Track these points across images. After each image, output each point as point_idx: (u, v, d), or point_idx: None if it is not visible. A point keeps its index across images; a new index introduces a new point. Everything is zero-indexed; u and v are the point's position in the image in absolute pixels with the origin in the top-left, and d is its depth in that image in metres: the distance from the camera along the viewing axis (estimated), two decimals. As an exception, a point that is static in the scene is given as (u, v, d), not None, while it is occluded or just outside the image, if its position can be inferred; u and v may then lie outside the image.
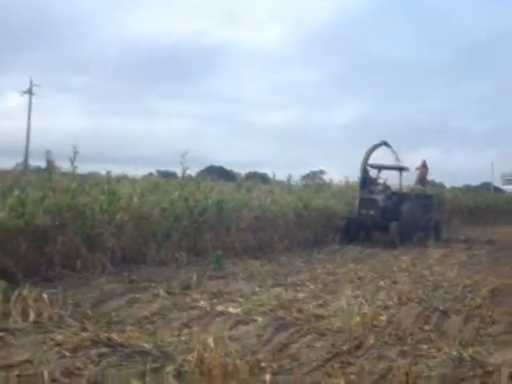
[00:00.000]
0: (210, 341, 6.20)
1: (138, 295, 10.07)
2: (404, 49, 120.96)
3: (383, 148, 23.81)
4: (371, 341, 7.56)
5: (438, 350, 7.29)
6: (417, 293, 10.87)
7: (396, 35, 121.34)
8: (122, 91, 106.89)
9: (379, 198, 22.11)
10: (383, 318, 8.87)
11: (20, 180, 13.86)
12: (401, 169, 23.63)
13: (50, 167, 13.55)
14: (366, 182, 22.93)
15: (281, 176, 25.66)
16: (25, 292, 8.25)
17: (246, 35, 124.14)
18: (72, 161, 13.38)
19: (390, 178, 24.24)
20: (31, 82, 58.74)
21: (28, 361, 6.27)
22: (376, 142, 23.74)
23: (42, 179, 14.13)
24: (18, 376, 5.85)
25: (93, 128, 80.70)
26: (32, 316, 7.94)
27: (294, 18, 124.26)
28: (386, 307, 9.69)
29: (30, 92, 58.33)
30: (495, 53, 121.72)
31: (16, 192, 11.86)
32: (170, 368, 5.97)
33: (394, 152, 23.84)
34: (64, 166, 14.70)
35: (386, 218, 21.48)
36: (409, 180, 27.18)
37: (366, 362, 6.87)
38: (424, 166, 27.60)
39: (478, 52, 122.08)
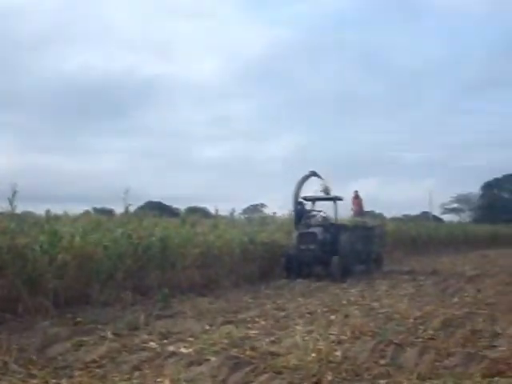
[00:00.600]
0: (166, 384, 5.91)
1: (84, 338, 9.73)
2: (337, 82, 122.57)
3: (314, 179, 23.79)
4: (329, 377, 7.40)
5: (396, 384, 7.15)
6: (369, 326, 10.75)
7: (329, 69, 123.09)
8: (54, 128, 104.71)
9: (317, 231, 21.50)
10: (338, 353, 8.70)
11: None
12: (335, 199, 23.00)
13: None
14: (301, 215, 22.53)
15: (221, 210, 25.48)
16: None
17: (180, 69, 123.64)
18: (11, 200, 12.96)
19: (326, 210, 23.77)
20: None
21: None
22: (305, 174, 23.58)
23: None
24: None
25: (26, 166, 78.84)
26: (-25, 365, 7.56)
27: (228, 51, 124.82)
28: (339, 342, 9.53)
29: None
30: (426, 83, 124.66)
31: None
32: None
33: (323, 182, 23.80)
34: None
35: (326, 251, 20.99)
36: (345, 214, 27.28)
37: (325, 399, 6.69)
38: (356, 197, 27.68)
39: (410, 83, 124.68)
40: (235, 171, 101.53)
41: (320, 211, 23.18)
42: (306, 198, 23.03)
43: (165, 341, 9.77)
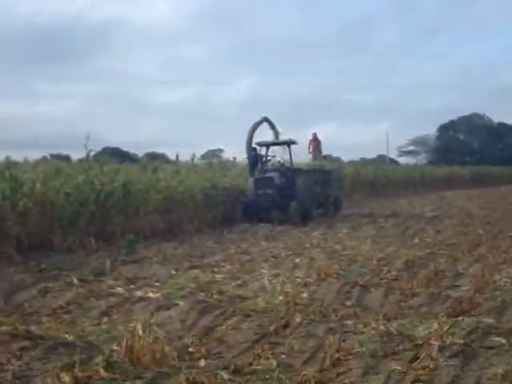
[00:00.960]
0: (139, 328, 5.92)
1: (49, 284, 9.69)
2: (294, 26, 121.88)
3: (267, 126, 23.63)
4: (297, 319, 7.48)
5: (365, 325, 7.27)
6: (334, 268, 10.88)
7: (285, 12, 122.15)
8: (4, 73, 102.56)
9: (274, 175, 21.29)
10: (304, 295, 8.81)
11: None
12: (289, 143, 22.43)
13: None
14: (256, 161, 22.35)
15: (180, 156, 25.26)
16: None
17: (135, 11, 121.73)
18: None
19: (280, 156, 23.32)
20: None
21: None
22: (257, 120, 23.32)
23: None
24: None
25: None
26: None
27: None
28: (305, 284, 9.65)
29: None
30: (381, 25, 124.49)
31: None
32: (98, 359, 5.68)
33: (273, 128, 23.59)
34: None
35: (283, 195, 20.83)
36: (303, 157, 27.00)
37: (294, 341, 6.78)
38: (315, 139, 26.99)
39: (364, 25, 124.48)
40: (191, 116, 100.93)
41: (274, 156, 22.93)
42: (259, 144, 22.75)
43: (132, 286, 9.78)
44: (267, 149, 22.83)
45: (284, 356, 6.29)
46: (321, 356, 6.21)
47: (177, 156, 24.31)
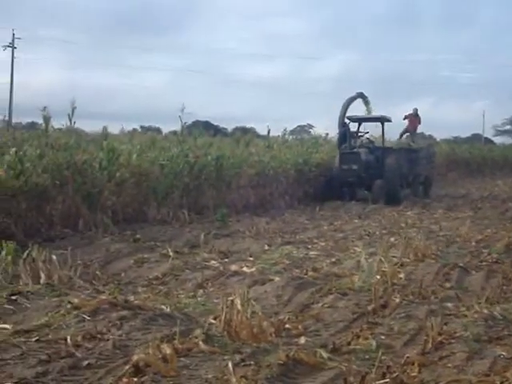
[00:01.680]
0: (237, 302, 5.84)
1: (145, 255, 9.76)
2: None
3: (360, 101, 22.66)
4: (396, 300, 7.27)
5: (467, 308, 7.00)
6: (431, 248, 10.57)
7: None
8: (94, 44, 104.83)
9: (361, 151, 20.53)
10: (402, 275, 8.58)
11: (15, 137, 13.36)
12: (383, 120, 21.66)
13: (47, 124, 13.01)
14: (346, 136, 21.03)
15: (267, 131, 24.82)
16: (34, 253, 7.88)
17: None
18: (70, 117, 12.92)
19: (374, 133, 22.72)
20: (13, 35, 56.93)
21: (46, 325, 5.95)
22: (352, 95, 22.33)
23: (38, 136, 13.69)
24: (38, 341, 5.53)
25: (69, 83, 79.06)
26: (43, 278, 7.61)
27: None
28: (402, 264, 9.40)
29: (12, 46, 56.52)
30: (482, 2, 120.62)
31: (13, 149, 11.38)
32: (198, 332, 5.64)
33: (368, 104, 22.65)
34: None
35: (370, 173, 20.04)
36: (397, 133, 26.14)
37: (393, 322, 6.60)
38: (416, 116, 25.58)
39: (464, 1, 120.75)
40: (282, 91, 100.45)
41: (366, 132, 22.14)
42: (350, 119, 21.61)
43: (225, 260, 9.78)
44: (359, 124, 22.05)
45: (383, 337, 6.11)
46: (422, 338, 6.01)
47: (268, 131, 24.00)
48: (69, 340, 5.45)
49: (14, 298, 6.90)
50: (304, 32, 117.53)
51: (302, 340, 5.76)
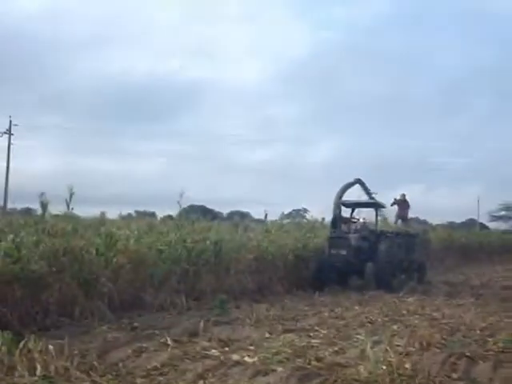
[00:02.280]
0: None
1: (144, 344, 9.51)
2: (381, 86, 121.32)
3: (357, 187, 22.53)
4: (406, 392, 7.03)
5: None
6: (435, 337, 10.32)
7: (372, 73, 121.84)
8: (97, 131, 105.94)
9: (351, 236, 20.09)
10: (407, 365, 8.30)
11: (12, 223, 13.24)
12: (376, 205, 21.81)
13: (44, 209, 12.91)
14: (337, 220, 20.92)
15: (262, 215, 24.84)
16: (30, 344, 7.67)
17: (222, 72, 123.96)
18: (68, 202, 12.83)
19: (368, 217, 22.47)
20: (10, 122, 57.51)
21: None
22: (349, 181, 22.25)
23: (35, 222, 13.58)
24: None
25: (65, 169, 79.34)
26: (39, 369, 7.39)
27: (271, 53, 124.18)
28: (407, 354, 9.14)
29: (9, 132, 57.03)
30: (473, 89, 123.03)
31: (10, 236, 11.24)
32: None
33: (367, 190, 22.53)
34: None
35: (361, 259, 19.49)
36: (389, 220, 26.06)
37: (404, 416, 6.35)
38: (404, 201, 25.64)
39: (456, 88, 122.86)
40: (277, 176, 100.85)
41: (358, 219, 21.92)
42: (344, 204, 21.51)
43: (226, 348, 9.52)
44: (353, 210, 22.00)
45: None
46: None
47: (265, 215, 24.04)
48: None
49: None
50: (298, 118, 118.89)
51: None
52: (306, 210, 51.46)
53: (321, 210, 24.95)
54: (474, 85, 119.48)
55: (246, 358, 8.66)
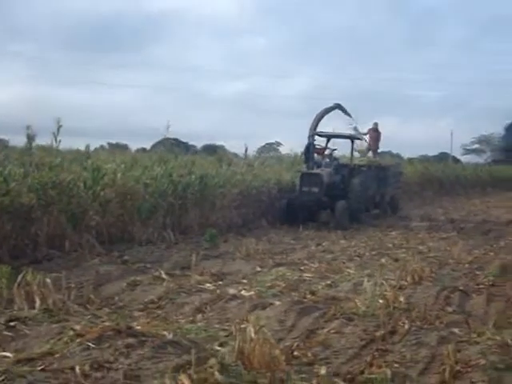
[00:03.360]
0: (251, 330, 5.63)
1: (137, 278, 9.50)
2: (356, 19, 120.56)
3: (337, 113, 21.38)
4: (405, 326, 7.11)
5: (478, 334, 6.87)
6: (425, 271, 10.43)
7: (348, 4, 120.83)
8: (65, 60, 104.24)
9: (323, 172, 18.70)
10: (401, 299, 8.38)
11: (-2, 155, 13.05)
12: (353, 138, 20.47)
13: (31, 142, 12.70)
14: (310, 150, 19.60)
15: (235, 148, 24.54)
16: (28, 277, 7.63)
17: (197, 1, 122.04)
18: (55, 135, 12.62)
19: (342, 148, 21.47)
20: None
21: (50, 353, 5.70)
22: (328, 106, 20.99)
23: (20, 154, 13.39)
24: (44, 370, 5.28)
25: (38, 98, 78.30)
26: (38, 303, 7.36)
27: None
28: (400, 287, 9.25)
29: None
30: (448, 20, 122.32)
31: (-2, 168, 11.10)
32: (212, 361, 5.41)
33: (348, 115, 21.47)
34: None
35: (333, 195, 18.39)
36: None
37: (404, 349, 6.44)
38: (375, 130, 24.44)
39: (432, 19, 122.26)
40: (251, 109, 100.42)
41: (334, 149, 20.67)
42: (319, 134, 20.19)
43: (219, 282, 9.57)
44: (328, 141, 20.70)
45: (397, 365, 5.94)
46: (436, 367, 5.87)
47: (245, 149, 23.85)
48: (77, 370, 5.22)
49: (11, 324, 6.68)
50: (272, 49, 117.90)
51: (323, 370, 5.56)
52: (279, 144, 51.43)
53: (294, 144, 23.66)
54: (448, 14, 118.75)
55: (243, 292, 8.70)
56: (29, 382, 5.02)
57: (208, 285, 9.29)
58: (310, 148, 19.57)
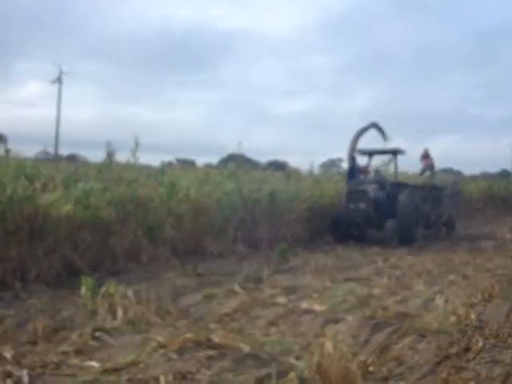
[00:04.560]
0: (329, 345, 5.84)
1: (212, 290, 9.80)
2: (418, 36, 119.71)
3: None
4: (479, 344, 7.20)
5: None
6: (495, 288, 10.44)
7: (410, 22, 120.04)
8: (135, 79, 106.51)
9: (369, 188, 18.40)
10: (473, 316, 8.46)
11: (78, 171, 13.58)
12: (395, 152, 19.69)
13: (111, 158, 13.23)
14: (354, 171, 19.46)
15: (300, 164, 24.65)
16: (111, 289, 8.01)
17: (262, 21, 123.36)
18: (134, 151, 13.12)
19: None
20: (60, 70, 57.70)
21: (134, 363, 6.03)
22: (364, 125, 20.61)
23: (99, 170, 13.91)
24: (129, 380, 5.59)
25: (109, 117, 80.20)
26: (120, 314, 7.71)
27: (308, 2, 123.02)
28: (471, 304, 9.31)
29: (59, 80, 57.32)
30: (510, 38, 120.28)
31: (80, 184, 11.59)
32: (292, 375, 5.65)
33: (383, 135, 20.81)
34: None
35: (381, 212, 18.04)
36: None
37: (479, 366, 6.52)
38: (426, 156, 24.40)
39: (494, 37, 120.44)
40: (314, 125, 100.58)
41: (377, 168, 20.45)
42: (360, 151, 19.94)
43: (292, 296, 9.78)
44: (369, 158, 20.45)
45: (472, 382, 6.04)
46: (511, 384, 5.96)
47: (311, 165, 24.04)
48: (161, 380, 5.51)
49: (96, 334, 7.03)
50: (334, 68, 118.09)
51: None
52: (341, 160, 51.19)
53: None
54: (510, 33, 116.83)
55: (316, 307, 8.89)
56: (116, 392, 5.34)
57: (280, 298, 9.53)
58: (352, 170, 19.47)
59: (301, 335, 7.58)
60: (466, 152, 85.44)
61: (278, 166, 33.70)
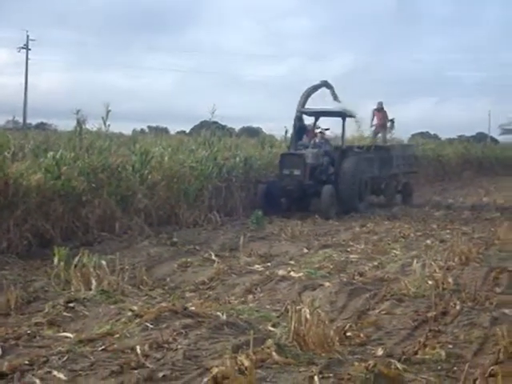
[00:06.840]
0: (306, 311, 5.75)
1: (188, 259, 9.69)
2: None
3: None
4: (457, 307, 7.16)
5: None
6: (472, 252, 10.42)
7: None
8: (103, 45, 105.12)
9: (308, 153, 16.38)
10: (450, 280, 8.42)
11: (48, 140, 13.32)
12: (344, 115, 17.49)
13: (81, 126, 12.95)
14: (301, 133, 17.76)
15: (275, 130, 24.00)
16: (85, 259, 7.85)
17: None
18: (104, 119, 12.86)
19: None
20: (28, 37, 56.74)
21: (109, 333, 5.95)
22: (314, 84, 18.99)
23: (69, 138, 13.65)
24: (105, 350, 5.48)
25: (80, 83, 79.18)
26: (94, 284, 7.57)
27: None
28: (448, 268, 9.27)
29: (26, 47, 56.39)
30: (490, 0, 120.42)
31: (50, 153, 11.34)
32: (270, 342, 5.56)
33: (335, 95, 19.19)
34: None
35: (319, 180, 16.24)
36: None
37: (457, 330, 6.49)
38: (380, 110, 21.39)
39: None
40: (288, 91, 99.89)
41: (327, 129, 18.03)
42: (305, 112, 18.22)
43: (268, 264, 9.71)
44: (316, 119, 18.44)
45: (450, 346, 6.00)
46: (491, 347, 5.91)
47: (286, 131, 23.64)
48: (137, 350, 5.40)
49: (70, 305, 6.89)
50: (310, 32, 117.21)
51: (380, 351, 5.67)
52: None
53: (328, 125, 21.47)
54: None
55: (292, 273, 8.80)
56: (91, 362, 5.21)
57: (257, 266, 9.47)
58: (299, 132, 17.85)
59: (278, 302, 7.52)
60: (443, 116, 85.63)
61: (252, 133, 33.42)
